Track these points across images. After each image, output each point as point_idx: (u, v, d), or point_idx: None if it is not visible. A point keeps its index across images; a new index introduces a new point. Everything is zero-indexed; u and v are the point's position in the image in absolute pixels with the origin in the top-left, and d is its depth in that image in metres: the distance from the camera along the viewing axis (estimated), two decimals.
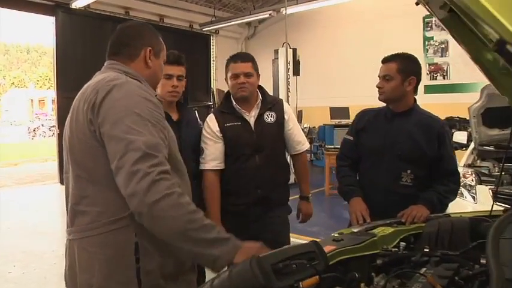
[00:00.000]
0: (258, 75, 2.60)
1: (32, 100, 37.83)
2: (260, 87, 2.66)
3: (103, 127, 1.35)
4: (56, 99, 8.61)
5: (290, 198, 2.75)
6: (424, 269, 1.28)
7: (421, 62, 2.47)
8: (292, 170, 2.85)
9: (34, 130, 24.97)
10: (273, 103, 2.64)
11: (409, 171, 2.31)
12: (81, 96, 1.46)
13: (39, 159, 14.64)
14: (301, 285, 0.96)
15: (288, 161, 2.87)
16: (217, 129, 2.56)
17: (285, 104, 2.71)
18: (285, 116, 2.64)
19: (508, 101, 1.61)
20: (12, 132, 25.20)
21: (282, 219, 2.66)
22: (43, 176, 10.83)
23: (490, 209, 2.59)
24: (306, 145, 2.76)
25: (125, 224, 1.39)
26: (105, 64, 1.61)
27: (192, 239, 1.24)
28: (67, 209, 1.51)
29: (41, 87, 44.78)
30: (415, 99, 2.42)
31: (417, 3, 1.57)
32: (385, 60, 2.39)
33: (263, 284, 0.91)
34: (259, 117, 2.57)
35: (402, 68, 2.31)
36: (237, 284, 0.94)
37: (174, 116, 2.53)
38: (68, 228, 1.50)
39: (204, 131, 2.60)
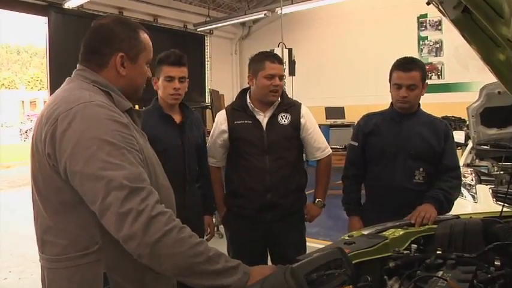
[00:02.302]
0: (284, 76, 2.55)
1: (23, 101, 37.46)
2: None
3: (73, 166, 1.20)
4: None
5: None
6: (441, 272, 1.26)
7: None
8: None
9: (26, 132, 24.69)
10: (290, 105, 2.57)
11: (421, 169, 2.36)
12: (39, 122, 1.31)
13: None
14: None
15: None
16: (224, 127, 2.53)
17: (303, 108, 2.62)
18: (302, 120, 2.55)
19: None
20: (3, 134, 24.94)
21: (297, 232, 2.61)
22: None
23: (491, 208, 2.60)
24: (325, 152, 2.65)
25: (94, 259, 1.29)
26: (76, 68, 1.45)
27: (200, 273, 1.16)
28: (36, 232, 1.40)
29: (32, 88, 44.35)
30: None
31: (428, 3, 1.55)
32: (408, 69, 2.31)
33: None
34: (273, 117, 2.51)
35: (423, 76, 2.33)
36: None
37: (177, 118, 2.48)
38: (39, 253, 1.41)
39: (213, 125, 2.61)
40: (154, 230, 1.14)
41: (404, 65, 2.32)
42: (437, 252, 1.48)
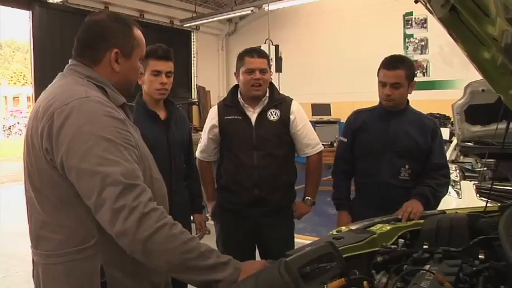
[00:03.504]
0: (271, 72, 2.54)
1: (5, 97, 36.83)
2: (271, 84, 2.59)
3: (69, 161, 1.22)
4: (33, 95, 8.40)
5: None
6: (428, 266, 1.29)
7: None
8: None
9: (9, 128, 24.32)
10: (279, 101, 2.57)
11: (407, 166, 2.41)
12: (34, 117, 1.32)
13: (16, 158, 14.25)
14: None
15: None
16: (215, 122, 2.55)
17: (294, 103, 2.61)
18: (291, 116, 2.55)
19: (503, 99, 1.63)
20: None
21: (286, 228, 2.63)
22: (21, 175, 10.46)
23: (475, 204, 2.65)
24: (316, 149, 2.64)
25: (91, 254, 1.31)
26: (69, 63, 1.46)
27: (192, 268, 1.19)
28: (30, 228, 1.41)
29: (15, 83, 43.60)
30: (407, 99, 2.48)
31: (416, 1, 1.57)
32: (392, 67, 2.34)
33: None
34: (262, 113, 2.51)
35: (409, 74, 2.35)
36: None
37: (162, 115, 2.44)
38: (32, 248, 1.41)
39: (206, 121, 2.63)
40: (146, 227, 1.16)
41: (390, 63, 2.35)
42: (424, 246, 1.52)
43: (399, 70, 2.32)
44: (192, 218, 2.69)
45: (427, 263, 1.34)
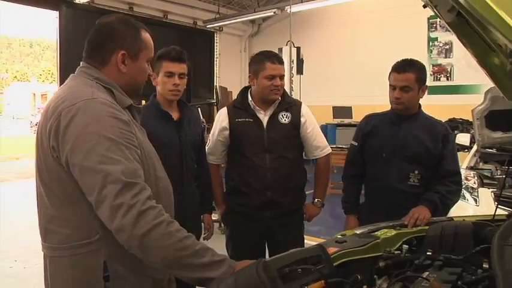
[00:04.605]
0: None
1: (34, 94, 37.89)
2: None
3: (73, 158, 1.27)
4: None
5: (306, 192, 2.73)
6: (426, 273, 1.28)
7: (425, 63, 2.48)
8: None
9: (36, 124, 24.93)
10: (290, 104, 2.60)
11: (416, 172, 2.37)
12: (44, 116, 1.38)
13: None
14: None
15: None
16: (225, 124, 2.55)
17: (303, 106, 2.64)
18: (302, 119, 2.57)
19: None
20: (14, 126, 25.25)
21: (296, 230, 2.64)
22: None
23: (492, 212, 2.60)
24: (325, 151, 2.66)
25: (95, 248, 1.36)
26: (80, 65, 1.51)
27: (187, 265, 1.22)
28: (39, 221, 1.47)
29: (43, 81, 44.82)
30: (419, 104, 2.45)
31: (425, 6, 1.56)
32: (402, 70, 2.33)
33: None
34: (273, 116, 2.53)
35: (419, 78, 2.33)
36: None
37: (175, 115, 2.47)
38: (42, 241, 1.47)
39: (214, 122, 2.62)
40: (143, 224, 1.19)
41: (399, 67, 2.35)
42: (428, 253, 1.51)
43: (409, 73, 2.30)
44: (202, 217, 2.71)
45: (427, 269, 1.33)
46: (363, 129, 2.56)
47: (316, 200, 2.72)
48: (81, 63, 1.52)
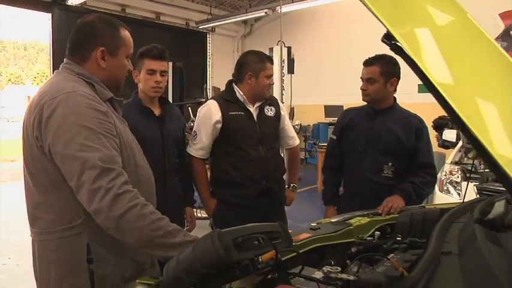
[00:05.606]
0: None
1: (29, 97, 37.65)
2: None
3: (55, 147, 1.36)
4: None
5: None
6: (392, 255, 1.36)
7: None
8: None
9: None
10: (271, 99, 2.75)
11: (390, 164, 2.45)
12: (28, 109, 1.47)
13: None
14: (260, 259, 1.03)
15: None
16: (219, 118, 2.55)
17: (279, 101, 2.85)
18: (282, 112, 2.75)
19: None
20: (9, 129, 25.15)
21: (284, 215, 2.77)
22: None
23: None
24: (297, 140, 2.92)
25: (78, 231, 1.45)
26: (63, 62, 1.61)
27: (160, 245, 1.28)
28: (27, 208, 1.55)
29: (38, 84, 44.63)
30: (395, 98, 2.54)
31: None
32: (367, 64, 2.49)
33: (223, 256, 0.97)
34: (261, 109, 2.65)
35: (384, 71, 2.43)
36: (200, 257, 1.01)
37: (157, 111, 2.51)
38: (30, 227, 1.56)
39: (202, 116, 2.62)
40: (118, 206, 1.28)
41: (367, 60, 2.51)
42: (398, 238, 1.59)
43: (374, 66, 2.45)
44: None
45: (394, 252, 1.41)
46: (341, 123, 2.66)
47: (292, 185, 2.92)
48: (64, 59, 1.61)
